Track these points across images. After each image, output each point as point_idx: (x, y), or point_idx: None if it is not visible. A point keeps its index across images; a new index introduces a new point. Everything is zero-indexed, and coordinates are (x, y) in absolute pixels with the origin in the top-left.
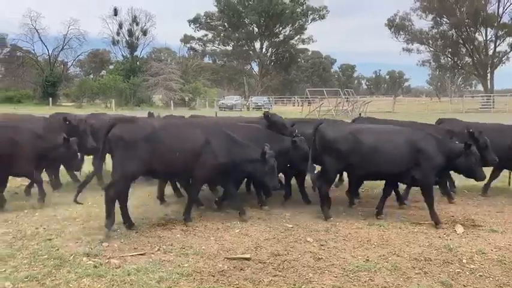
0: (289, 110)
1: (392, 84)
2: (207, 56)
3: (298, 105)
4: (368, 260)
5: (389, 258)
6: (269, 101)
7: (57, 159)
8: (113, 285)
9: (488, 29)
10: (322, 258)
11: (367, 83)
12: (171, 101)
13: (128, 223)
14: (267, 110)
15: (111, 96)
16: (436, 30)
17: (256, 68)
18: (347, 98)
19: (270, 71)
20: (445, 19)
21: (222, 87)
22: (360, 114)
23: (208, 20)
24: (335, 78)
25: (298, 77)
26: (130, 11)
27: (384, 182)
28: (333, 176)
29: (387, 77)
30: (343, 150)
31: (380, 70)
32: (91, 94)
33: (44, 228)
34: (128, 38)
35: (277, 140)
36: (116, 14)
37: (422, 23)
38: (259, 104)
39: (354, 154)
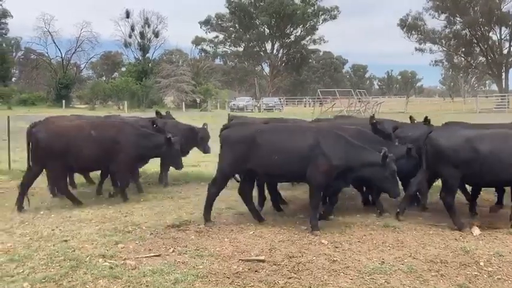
0: (300, 111)
1: (404, 84)
2: (218, 57)
3: (309, 106)
4: (383, 262)
5: (405, 261)
6: (280, 102)
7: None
8: (128, 287)
9: (503, 28)
10: (337, 260)
11: (379, 83)
12: (183, 103)
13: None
14: (278, 110)
15: (123, 98)
16: (449, 30)
17: (267, 69)
18: (359, 99)
19: (281, 72)
20: (458, 18)
21: (233, 88)
22: (373, 114)
23: (219, 22)
24: (347, 79)
25: (309, 78)
26: (142, 13)
27: None
28: (455, 185)
29: (399, 77)
30: (461, 159)
31: (392, 70)
32: (104, 96)
33: (60, 230)
34: (139, 40)
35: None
36: (128, 17)
37: (435, 22)
38: (270, 105)
39: (472, 163)
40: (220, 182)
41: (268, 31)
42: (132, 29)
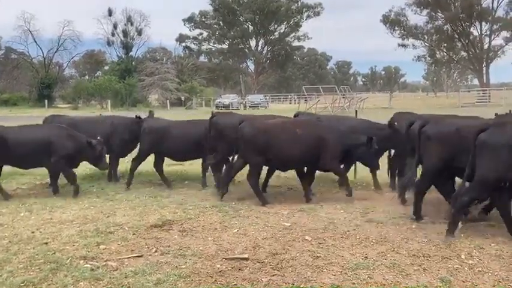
0: (286, 108)
1: (388, 80)
2: (203, 54)
3: (294, 103)
4: (367, 257)
5: (388, 255)
6: (265, 99)
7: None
8: None
9: (483, 23)
10: (320, 256)
11: (363, 79)
12: (167, 101)
13: None
14: (264, 107)
15: (106, 97)
16: (431, 25)
17: (252, 66)
18: (343, 95)
19: (266, 69)
20: (439, 14)
21: (218, 86)
22: (356, 110)
23: (203, 19)
24: (331, 75)
25: (294, 75)
26: (125, 11)
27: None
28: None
29: (383, 73)
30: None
31: (376, 66)
32: (86, 95)
33: (41, 232)
34: (122, 39)
35: None
36: (110, 15)
37: (418, 18)
38: (255, 102)
39: None
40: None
41: (252, 28)
42: (115, 27)
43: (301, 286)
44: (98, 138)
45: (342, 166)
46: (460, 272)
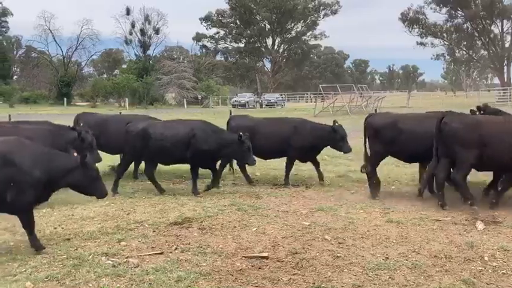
0: (302, 107)
1: (406, 79)
2: (219, 53)
3: (311, 102)
4: (387, 258)
5: (409, 256)
6: (282, 98)
7: None
8: (131, 285)
9: (505, 21)
10: (340, 256)
11: (380, 78)
12: (184, 100)
13: None
14: (280, 106)
15: (124, 96)
16: (450, 23)
17: (268, 65)
18: (361, 94)
19: (282, 68)
20: (459, 12)
21: (234, 84)
22: (376, 110)
23: (220, 18)
24: (348, 74)
25: (310, 73)
26: (143, 10)
27: None
28: None
29: (401, 71)
30: None
31: (393, 65)
32: (105, 93)
33: (62, 228)
34: (140, 37)
35: None
36: (128, 14)
37: (437, 16)
38: (272, 101)
39: None
40: None
41: (269, 27)
42: (133, 26)
43: (322, 286)
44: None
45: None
46: (483, 274)
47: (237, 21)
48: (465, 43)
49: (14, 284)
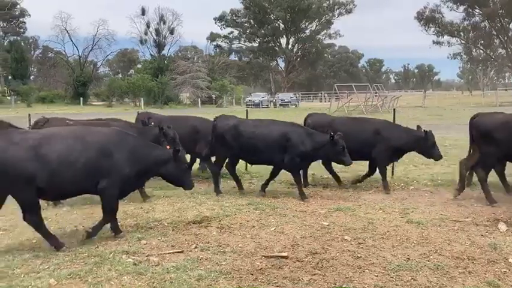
0: (316, 106)
1: (421, 78)
2: (233, 53)
3: (325, 101)
4: (409, 258)
5: (431, 257)
6: (296, 97)
7: None
8: (153, 283)
9: None
10: (361, 256)
11: (395, 77)
12: (199, 99)
13: None
14: (294, 106)
15: (140, 95)
16: (467, 22)
17: (282, 64)
18: (376, 93)
19: (296, 67)
20: (477, 10)
21: (247, 84)
22: (394, 109)
23: (234, 17)
24: (362, 73)
25: (324, 73)
26: (158, 10)
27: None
28: None
29: (416, 71)
30: None
31: (409, 64)
32: (120, 93)
33: (83, 227)
34: (155, 37)
35: None
36: (143, 14)
37: (453, 14)
38: (286, 100)
39: None
40: None
41: (283, 26)
42: (148, 26)
43: (343, 286)
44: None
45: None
46: (508, 276)
47: (251, 20)
48: (482, 42)
49: (38, 281)
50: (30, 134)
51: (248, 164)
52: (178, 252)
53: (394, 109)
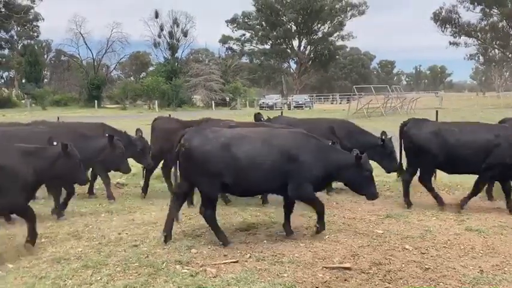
0: (331, 108)
1: (433, 79)
2: (245, 55)
3: (337, 103)
4: (482, 270)
5: (506, 269)
6: (310, 99)
7: None
8: None
9: None
10: (429, 268)
11: (407, 78)
12: (212, 102)
13: None
14: (308, 108)
15: (154, 98)
16: (485, 22)
17: (294, 66)
18: (396, 95)
19: (308, 69)
20: (494, 10)
21: (259, 86)
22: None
23: (246, 20)
24: (374, 75)
25: (336, 75)
26: (171, 13)
27: None
28: None
29: (428, 72)
30: None
31: (420, 65)
32: (134, 96)
33: (127, 234)
34: (169, 40)
35: None
36: (157, 17)
37: (470, 15)
38: (300, 102)
39: None
40: None
41: (295, 28)
42: (162, 28)
43: None
44: None
45: None
46: None
47: (263, 23)
48: (499, 42)
49: None
50: (222, 132)
51: None
52: (233, 262)
53: (436, 111)
